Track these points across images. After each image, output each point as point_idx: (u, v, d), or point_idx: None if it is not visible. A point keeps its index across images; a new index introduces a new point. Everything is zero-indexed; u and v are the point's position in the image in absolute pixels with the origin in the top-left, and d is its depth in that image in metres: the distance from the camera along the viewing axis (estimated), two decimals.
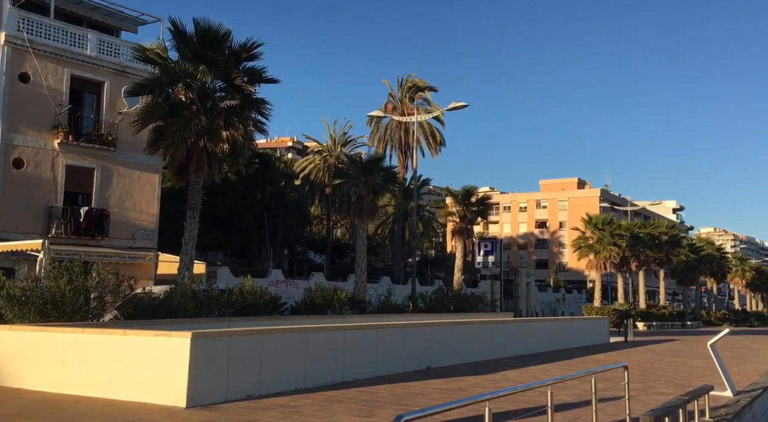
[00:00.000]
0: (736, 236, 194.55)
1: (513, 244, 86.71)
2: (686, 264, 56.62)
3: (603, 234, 44.06)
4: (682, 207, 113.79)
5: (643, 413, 6.99)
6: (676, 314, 51.38)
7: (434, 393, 10.56)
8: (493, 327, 18.85)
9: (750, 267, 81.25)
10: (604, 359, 18.36)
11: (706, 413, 9.30)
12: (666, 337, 31.38)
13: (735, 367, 17.01)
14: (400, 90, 47.76)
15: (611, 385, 11.01)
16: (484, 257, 38.60)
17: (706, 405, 9.36)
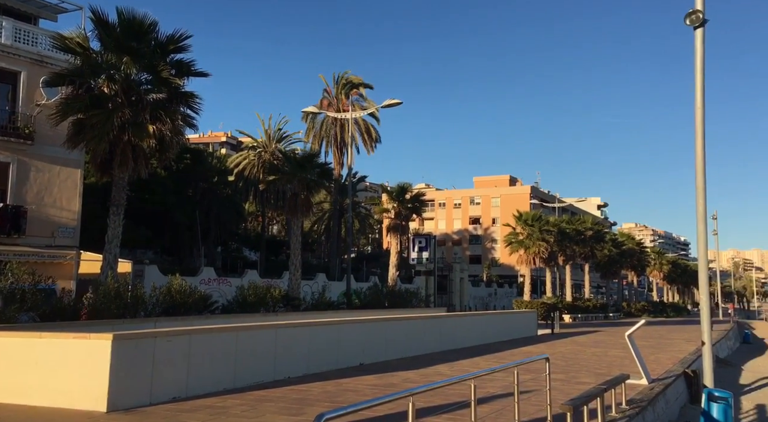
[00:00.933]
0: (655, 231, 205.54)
1: (448, 240, 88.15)
2: (609, 258, 59.25)
3: (532, 230, 45.35)
4: (606, 203, 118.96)
5: (563, 402, 7.29)
6: (600, 306, 53.75)
7: (366, 390, 10.61)
8: (426, 322, 19.13)
9: (667, 260, 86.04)
10: (531, 351, 18.99)
11: (623, 401, 9.79)
12: (590, 329, 32.75)
13: (651, 356, 17.99)
14: (335, 86, 47.57)
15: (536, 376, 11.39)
16: (419, 253, 39.05)
17: (623, 394, 9.86)
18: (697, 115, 14.16)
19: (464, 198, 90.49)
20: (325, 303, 25.05)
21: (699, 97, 14.07)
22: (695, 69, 13.97)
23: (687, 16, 13.32)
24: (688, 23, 13.41)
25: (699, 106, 14.10)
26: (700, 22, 13.48)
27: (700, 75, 13.97)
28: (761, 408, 14.60)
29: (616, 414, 8.98)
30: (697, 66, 13.95)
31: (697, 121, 14.17)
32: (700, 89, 14.02)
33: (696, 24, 13.49)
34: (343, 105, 45.63)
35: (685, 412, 12.72)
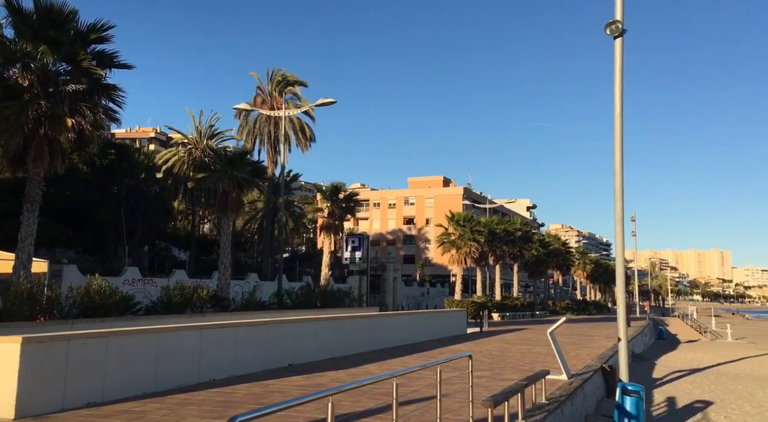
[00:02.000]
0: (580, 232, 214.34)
1: (382, 240, 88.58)
2: (537, 258, 61.23)
3: (464, 231, 46.22)
4: (534, 205, 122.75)
5: (484, 399, 7.45)
6: (527, 305, 55.43)
7: (293, 390, 10.50)
8: (357, 322, 19.13)
9: (590, 260, 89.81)
10: (459, 349, 19.34)
11: (543, 396, 10.12)
12: (517, 327, 33.72)
13: (572, 352, 18.72)
14: (269, 83, 46.82)
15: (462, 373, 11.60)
16: (352, 253, 39.03)
17: (543, 389, 10.20)
18: (616, 122, 14.85)
19: (399, 198, 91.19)
20: (255, 303, 24.59)
21: (618, 104, 14.76)
22: (614, 77, 14.64)
23: (607, 26, 13.94)
24: (608, 33, 14.03)
25: (618, 113, 14.78)
26: (620, 31, 14.13)
27: (619, 83, 14.65)
28: (671, 400, 15.47)
29: (536, 410, 9.27)
30: (617, 74, 14.62)
31: (616, 127, 14.86)
32: (619, 96, 14.70)
33: (615, 34, 14.14)
34: (277, 103, 45.00)
35: (602, 405, 13.31)
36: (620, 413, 10.35)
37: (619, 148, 14.77)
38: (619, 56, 14.52)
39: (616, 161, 14.83)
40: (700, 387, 17.85)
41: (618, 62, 14.54)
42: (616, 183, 14.80)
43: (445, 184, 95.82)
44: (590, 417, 12.02)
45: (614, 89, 14.67)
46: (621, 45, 14.49)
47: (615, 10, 14.28)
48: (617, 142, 14.77)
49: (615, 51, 14.57)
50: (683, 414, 13.63)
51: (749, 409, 14.79)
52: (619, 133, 14.74)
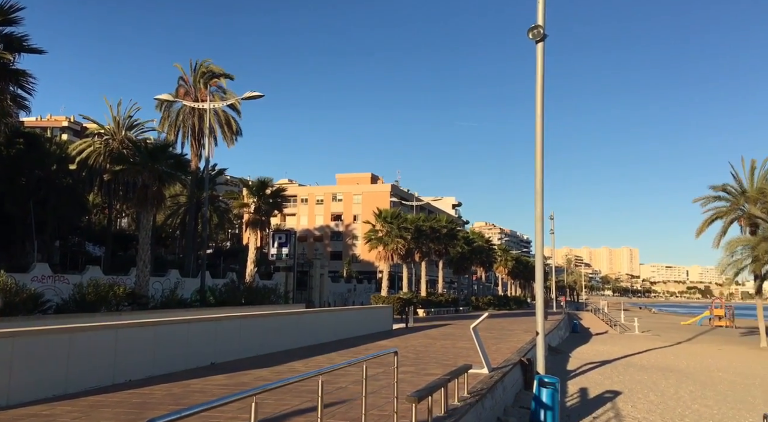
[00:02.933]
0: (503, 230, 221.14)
1: (309, 236, 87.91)
2: (461, 255, 62.61)
3: (391, 228, 46.59)
4: (460, 203, 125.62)
5: (408, 394, 7.55)
6: (452, 300, 56.62)
7: (215, 390, 10.25)
8: (283, 319, 18.89)
9: (511, 257, 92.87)
10: (386, 345, 19.51)
11: (465, 390, 10.37)
12: (441, 322, 34.39)
13: (493, 346, 19.30)
14: (193, 74, 45.30)
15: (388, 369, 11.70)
16: (279, 249, 38.46)
17: (465, 383, 10.45)
18: (537, 124, 15.40)
19: (327, 194, 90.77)
20: (176, 300, 23.80)
21: (539, 107, 15.32)
22: (536, 80, 15.19)
23: (529, 31, 14.42)
24: (531, 37, 14.53)
25: (539, 114, 15.35)
26: (541, 36, 14.67)
27: (540, 85, 15.21)
28: (584, 390, 16.25)
29: (458, 403, 9.48)
30: (538, 77, 15.18)
31: (537, 129, 15.42)
32: (540, 99, 15.27)
33: (537, 38, 14.67)
34: (202, 95, 43.66)
35: (520, 397, 13.80)
36: (537, 404, 10.77)
37: (539, 149, 15.35)
38: (540, 60, 15.08)
39: (537, 162, 15.40)
40: (610, 378, 18.86)
41: (539, 65, 15.10)
42: (536, 183, 15.37)
43: (373, 180, 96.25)
44: (509, 408, 12.43)
45: (536, 91, 15.22)
46: (542, 49, 15.05)
47: (537, 16, 14.82)
48: (538, 143, 15.34)
49: (537, 55, 15.12)
50: (594, 404, 14.35)
51: (654, 398, 15.76)
52: (540, 134, 15.31)
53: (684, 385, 18.46)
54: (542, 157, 15.33)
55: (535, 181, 15.34)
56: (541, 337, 15.17)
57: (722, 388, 18.45)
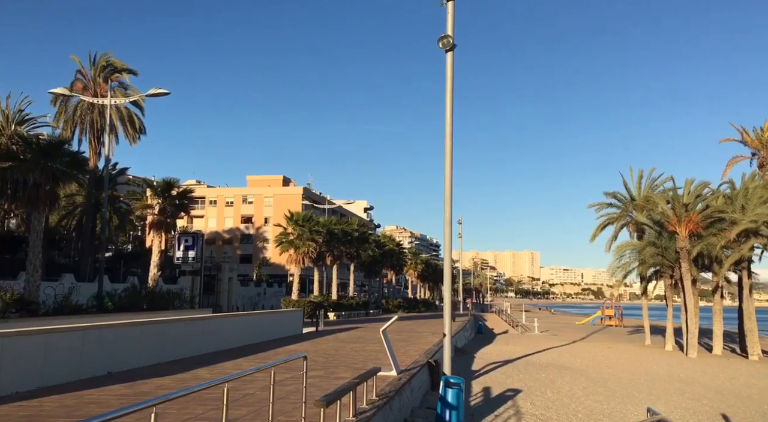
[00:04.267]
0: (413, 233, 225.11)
1: (218, 239, 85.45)
2: (373, 258, 63.17)
3: (303, 231, 46.25)
4: (371, 206, 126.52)
5: (317, 398, 7.54)
6: (362, 304, 56.97)
7: (112, 401, 9.74)
8: (187, 324, 18.25)
9: (421, 260, 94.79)
10: (295, 349, 19.32)
11: (374, 392, 10.49)
12: (352, 325, 34.50)
13: (402, 349, 19.62)
14: (93, 68, 42.74)
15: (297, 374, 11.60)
16: (185, 252, 37.13)
17: (374, 386, 10.56)
18: (447, 131, 15.86)
19: (237, 196, 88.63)
20: (70, 306, 22.40)
21: (449, 114, 15.79)
22: (446, 88, 15.64)
23: (439, 40, 14.86)
24: (441, 46, 14.97)
25: (448, 122, 15.81)
26: (450, 46, 15.14)
27: (450, 94, 15.69)
28: (487, 389, 16.86)
29: (367, 406, 9.58)
30: (448, 85, 15.64)
31: (446, 136, 15.87)
32: (450, 106, 15.74)
33: (447, 47, 15.13)
34: (102, 90, 41.31)
35: (427, 398, 14.11)
36: (443, 404, 11.06)
37: (449, 155, 15.81)
38: (450, 68, 15.55)
39: (446, 167, 15.85)
40: (512, 377, 19.70)
41: (449, 74, 15.57)
42: (446, 188, 15.82)
43: (285, 183, 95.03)
44: (416, 410, 12.69)
45: (445, 99, 15.68)
46: (452, 58, 15.53)
47: (447, 26, 15.29)
48: (448, 149, 15.80)
49: (446, 63, 15.59)
50: (497, 403, 14.93)
51: (551, 395, 16.63)
52: (449, 141, 15.77)
53: (578, 382, 19.59)
54: (452, 163, 15.80)
55: (444, 186, 15.78)
56: (447, 339, 15.60)
57: (611, 384, 19.76)
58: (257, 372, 7.58)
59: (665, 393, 18.49)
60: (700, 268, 36.30)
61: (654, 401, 16.56)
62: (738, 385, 21.59)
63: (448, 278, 16.55)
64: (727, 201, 35.48)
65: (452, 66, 15.53)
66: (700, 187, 36.13)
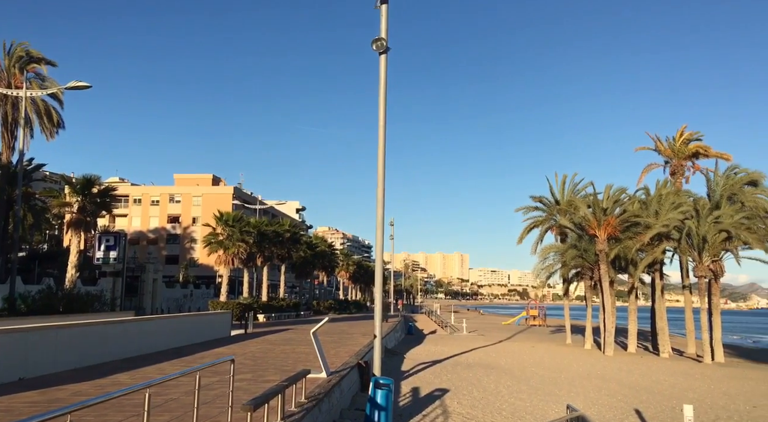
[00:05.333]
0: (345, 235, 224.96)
1: (142, 239, 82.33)
2: (304, 259, 62.58)
3: (233, 231, 45.27)
4: (304, 207, 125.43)
5: (244, 402, 7.40)
6: (293, 305, 56.32)
7: (23, 408, 9.20)
8: (107, 327, 17.46)
9: (353, 262, 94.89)
10: (222, 352, 18.89)
11: (303, 395, 10.40)
12: (282, 327, 34.08)
13: (332, 350, 19.57)
14: (6, 58, 40.12)
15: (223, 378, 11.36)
16: (106, 252, 35.43)
17: (303, 388, 10.48)
18: (380, 133, 15.96)
19: (163, 195, 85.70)
20: None
21: (382, 117, 15.90)
22: (379, 90, 15.74)
23: (373, 42, 14.95)
24: (374, 49, 15.06)
25: (381, 124, 15.92)
26: (384, 48, 15.26)
27: (383, 96, 15.80)
28: (416, 390, 17.08)
29: (295, 409, 9.49)
30: (381, 88, 15.75)
31: (379, 138, 15.97)
32: (383, 109, 15.85)
33: (381, 50, 15.24)
34: (17, 81, 38.95)
35: (357, 400, 14.13)
36: (372, 405, 11.11)
37: (381, 157, 15.92)
38: (383, 71, 15.67)
39: (379, 169, 15.94)
40: (440, 377, 20.03)
41: (383, 76, 15.68)
42: (378, 190, 15.91)
43: (214, 182, 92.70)
44: (345, 411, 12.68)
45: (378, 101, 15.78)
46: (385, 61, 15.66)
47: (380, 29, 15.40)
48: (380, 151, 15.90)
49: (380, 66, 15.70)
50: (425, 402, 15.15)
51: (477, 394, 17.04)
52: (382, 143, 15.88)
53: (503, 381, 20.17)
54: (384, 164, 15.91)
55: (377, 188, 15.86)
56: (378, 340, 15.68)
57: (534, 382, 20.46)
58: (182, 377, 7.36)
59: (584, 390, 19.32)
60: (617, 270, 38.21)
61: (573, 398, 17.28)
62: (650, 382, 22.86)
63: (379, 279, 16.65)
64: (642, 206, 37.52)
65: (386, 68, 15.64)
66: (617, 193, 38.02)
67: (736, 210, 34.10)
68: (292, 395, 9.81)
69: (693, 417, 9.41)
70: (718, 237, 33.31)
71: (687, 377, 25.17)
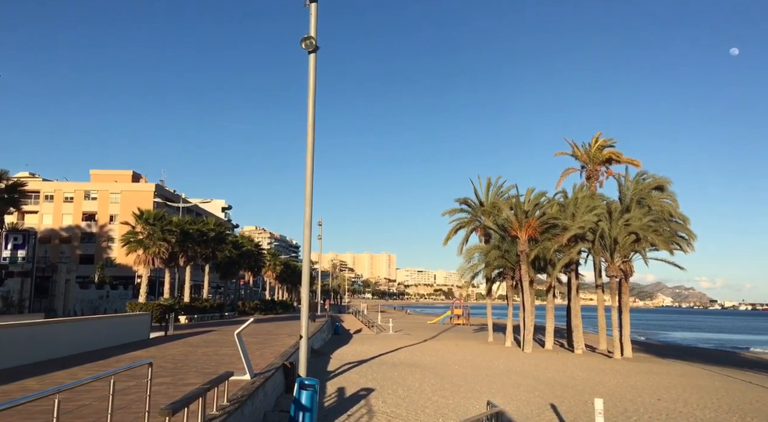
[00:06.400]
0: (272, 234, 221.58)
1: (54, 237, 77.92)
2: (230, 259, 61.19)
3: (154, 230, 43.71)
4: (230, 206, 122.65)
5: (162, 407, 7.18)
6: (217, 306, 55.00)
7: None
8: (13, 330, 16.44)
9: (280, 262, 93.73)
10: (140, 355, 18.20)
11: (225, 398, 10.20)
12: (205, 329, 33.20)
13: (257, 352, 19.27)
14: None
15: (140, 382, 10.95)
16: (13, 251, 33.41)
17: (226, 391, 10.28)
18: (309, 132, 15.89)
19: (78, 191, 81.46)
20: None
21: (310, 116, 15.83)
22: (308, 88, 15.68)
23: (302, 41, 14.88)
24: (304, 47, 14.99)
25: (310, 122, 15.85)
26: (313, 47, 15.21)
27: (312, 94, 15.74)
28: (341, 390, 17.10)
29: (217, 412, 9.29)
30: (310, 85, 15.69)
31: (308, 137, 15.90)
32: (312, 108, 15.79)
33: (310, 49, 15.18)
34: None
35: (281, 401, 14.00)
36: (296, 407, 11.04)
37: (310, 156, 15.85)
38: (312, 69, 15.61)
39: (307, 169, 15.86)
40: (365, 377, 20.15)
41: (312, 75, 15.62)
42: (306, 189, 15.82)
43: (134, 179, 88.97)
44: (269, 413, 12.53)
45: (308, 100, 15.71)
46: (314, 59, 15.61)
47: (310, 27, 15.35)
48: (309, 150, 15.83)
49: (309, 64, 15.63)
50: (350, 402, 15.19)
51: (401, 392, 17.26)
52: (311, 142, 15.81)
53: (427, 379, 20.53)
54: (313, 164, 15.84)
55: (305, 187, 15.77)
56: (304, 341, 15.59)
57: (457, 380, 20.95)
58: (95, 381, 7.04)
59: (504, 387, 19.98)
60: (537, 270, 39.73)
61: (494, 394, 17.83)
62: (565, 377, 23.92)
63: (306, 279, 16.56)
64: (560, 209, 39.19)
65: (315, 67, 15.58)
66: (538, 196, 39.55)
67: (644, 213, 36.22)
68: (213, 398, 9.61)
69: (603, 410, 9.94)
70: (628, 239, 35.28)
71: (598, 372, 26.52)
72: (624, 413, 16.18)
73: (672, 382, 23.84)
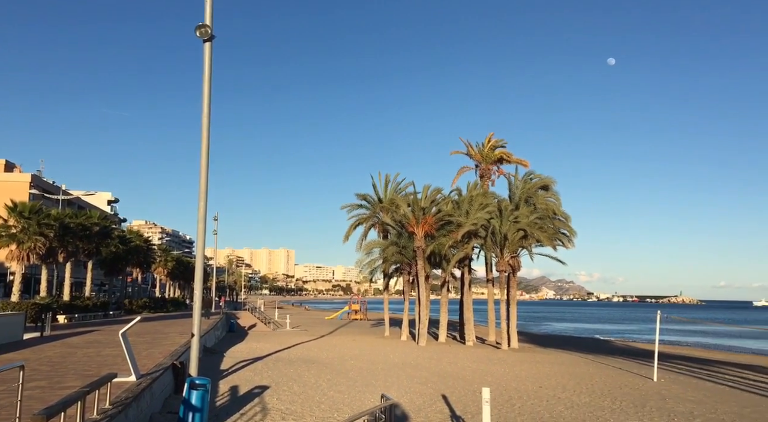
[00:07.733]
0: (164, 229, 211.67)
1: None
2: (116, 255, 57.75)
3: (30, 223, 40.49)
4: (117, 199, 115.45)
5: (35, 413, 6.69)
6: (101, 304, 51.72)
7: None
8: None
9: (172, 258, 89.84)
10: (12, 358, 16.80)
11: (107, 401, 9.66)
12: (87, 329, 31.22)
13: (144, 351, 18.40)
14: None
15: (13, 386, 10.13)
16: None
17: (108, 393, 9.74)
18: (203, 124, 15.36)
19: None
20: None
21: (206, 107, 15.30)
22: (203, 79, 15.15)
23: (197, 29, 14.31)
24: (198, 35, 14.44)
25: (205, 114, 15.33)
26: (209, 36, 14.71)
27: (208, 85, 15.23)
28: (235, 388, 16.72)
29: (98, 416, 8.78)
30: (205, 77, 15.16)
31: (203, 130, 15.37)
32: (207, 99, 15.26)
33: (205, 37, 14.66)
34: None
35: (170, 402, 13.46)
36: (186, 407, 10.66)
37: (205, 149, 15.33)
38: (208, 59, 15.09)
39: (202, 161, 15.34)
40: (260, 374, 19.83)
41: (207, 65, 15.09)
42: (201, 183, 15.30)
43: (7, 168, 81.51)
44: (156, 415, 12.01)
45: (203, 91, 15.17)
46: (210, 49, 15.10)
47: (205, 15, 14.83)
48: (204, 143, 15.31)
49: (204, 54, 15.11)
50: (244, 401, 14.89)
51: (297, 389, 17.16)
52: (206, 134, 15.30)
53: (323, 375, 20.56)
54: (207, 156, 15.32)
55: (199, 181, 15.23)
56: (195, 339, 15.07)
57: (353, 375, 21.15)
58: None
59: (398, 380, 20.42)
60: (433, 266, 40.91)
61: (389, 387, 18.18)
62: (456, 368, 24.85)
63: (199, 275, 16.00)
64: (455, 206, 40.59)
65: (210, 56, 15.07)
66: (434, 193, 40.69)
67: (530, 211, 38.35)
68: (94, 402, 9.07)
69: (489, 398, 10.43)
70: (517, 236, 37.22)
71: (487, 362, 27.80)
72: (509, 401, 17.07)
73: (552, 370, 25.46)
